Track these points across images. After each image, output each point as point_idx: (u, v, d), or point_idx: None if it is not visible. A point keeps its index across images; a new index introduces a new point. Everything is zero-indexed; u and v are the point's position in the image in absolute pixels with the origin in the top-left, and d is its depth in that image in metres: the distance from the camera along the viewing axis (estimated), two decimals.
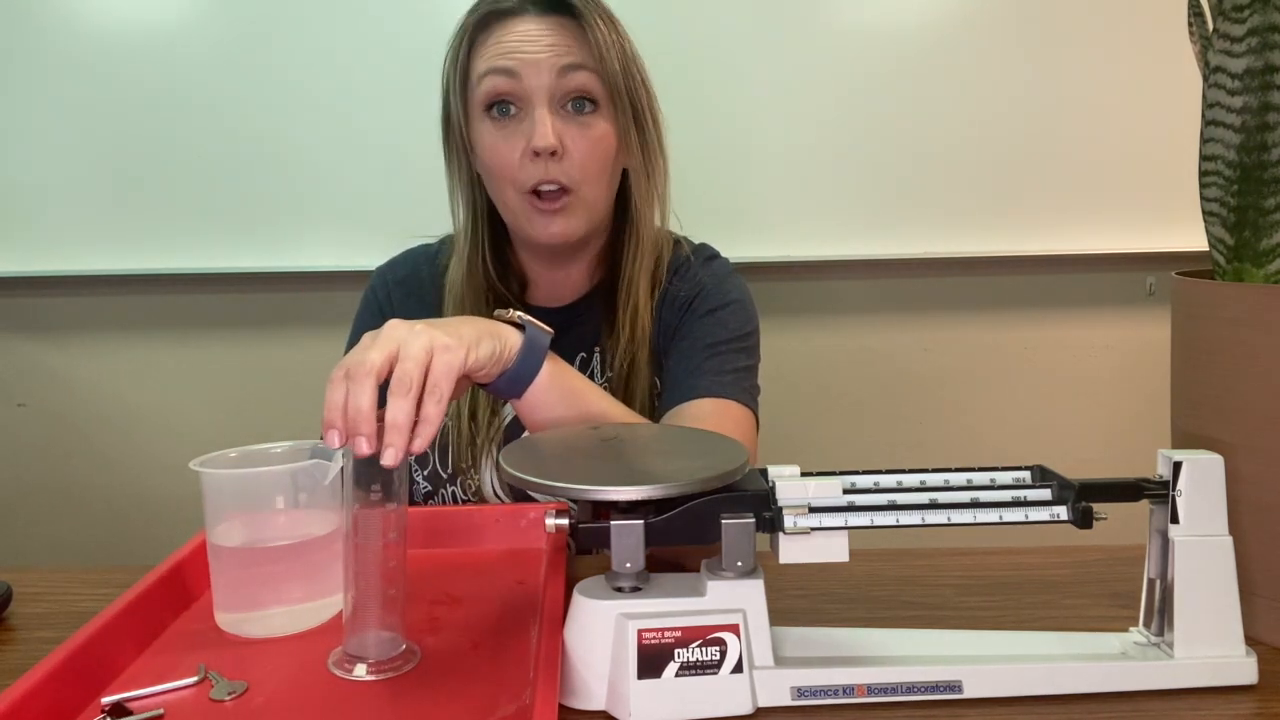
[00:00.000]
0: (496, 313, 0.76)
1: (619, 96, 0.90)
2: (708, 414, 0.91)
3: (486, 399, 0.97)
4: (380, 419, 0.61)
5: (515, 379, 0.74)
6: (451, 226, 1.02)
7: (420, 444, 0.61)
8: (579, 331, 1.00)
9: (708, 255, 1.06)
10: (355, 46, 1.63)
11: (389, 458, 0.59)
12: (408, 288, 1.04)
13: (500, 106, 0.90)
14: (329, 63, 1.64)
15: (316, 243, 1.70)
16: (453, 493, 0.99)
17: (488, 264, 0.99)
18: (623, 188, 0.98)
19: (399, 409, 0.61)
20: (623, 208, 0.99)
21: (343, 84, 1.64)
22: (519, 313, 0.76)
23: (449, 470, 0.98)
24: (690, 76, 1.63)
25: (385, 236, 1.11)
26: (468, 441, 0.97)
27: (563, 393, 0.77)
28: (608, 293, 1.00)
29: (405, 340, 0.64)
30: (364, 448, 0.59)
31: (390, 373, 0.62)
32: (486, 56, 0.90)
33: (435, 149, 0.99)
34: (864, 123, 1.68)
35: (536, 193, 0.90)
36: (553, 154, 0.88)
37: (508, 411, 0.98)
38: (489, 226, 0.99)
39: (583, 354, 1.00)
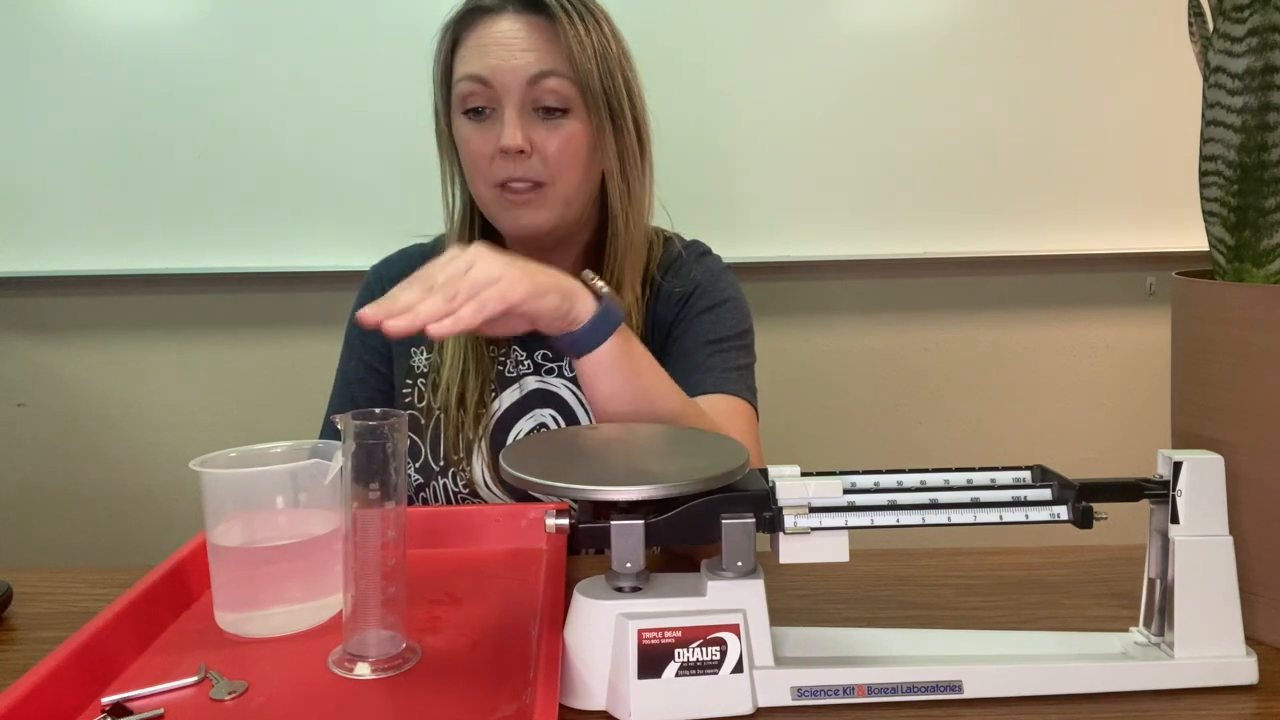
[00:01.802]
0: (585, 273, 0.79)
1: (593, 99, 0.91)
2: (720, 411, 0.92)
3: (475, 386, 0.98)
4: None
5: (577, 342, 0.76)
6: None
7: (438, 329, 0.64)
8: None
9: (700, 251, 1.06)
10: (353, 46, 1.63)
11: (391, 324, 0.63)
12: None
13: (475, 109, 0.92)
14: (328, 63, 1.64)
15: (316, 243, 1.70)
16: (444, 485, 0.98)
17: None
18: (607, 190, 0.99)
19: (429, 303, 0.65)
20: (606, 208, 0.99)
21: (342, 84, 1.64)
22: (602, 284, 0.78)
23: (440, 462, 0.98)
24: (690, 76, 1.64)
25: (384, 236, 1.11)
26: (457, 428, 0.97)
27: (624, 371, 0.78)
28: None
29: (477, 261, 0.69)
30: (370, 312, 0.63)
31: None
32: (464, 60, 0.92)
33: (434, 148, 1.00)
34: (864, 123, 1.68)
35: (507, 186, 0.92)
36: (520, 153, 0.90)
37: (498, 405, 0.99)
38: (480, 218, 1.00)
39: None
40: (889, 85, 1.67)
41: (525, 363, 1.00)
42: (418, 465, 1.00)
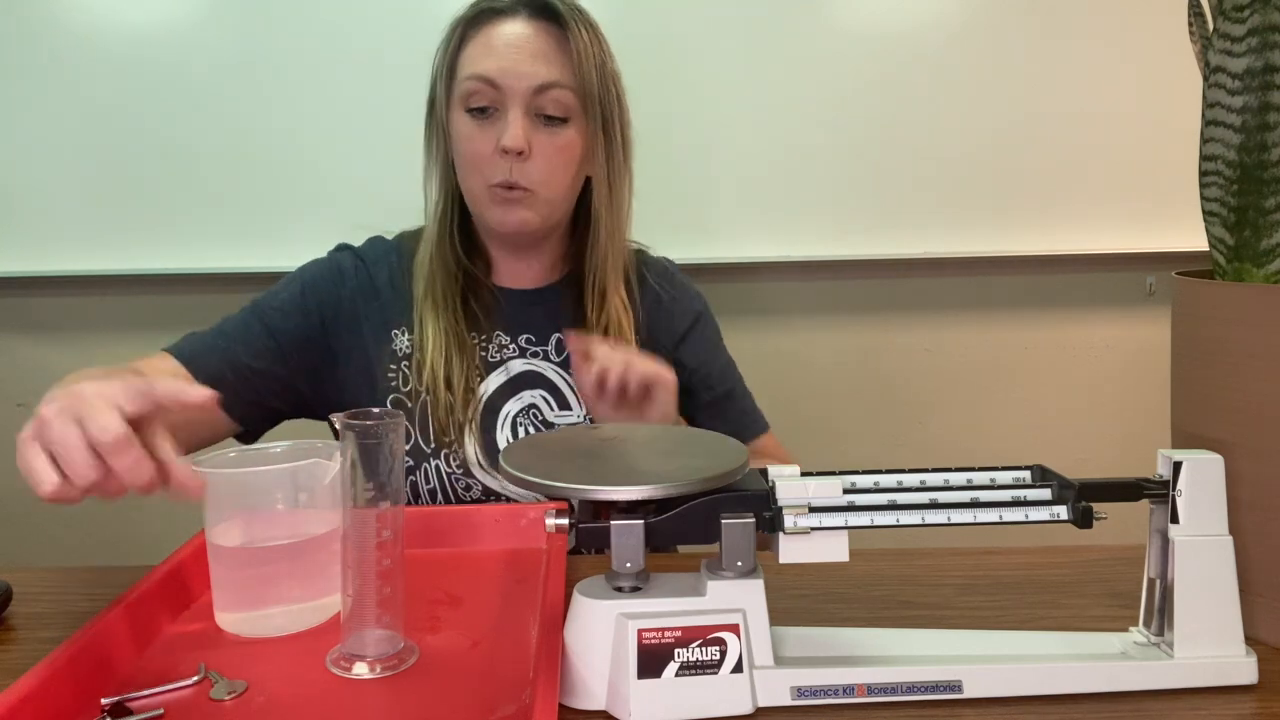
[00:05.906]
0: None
1: (591, 107, 0.95)
2: (772, 447, 1.07)
3: (460, 370, 0.98)
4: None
5: None
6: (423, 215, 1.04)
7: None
8: (547, 308, 1.03)
9: (674, 267, 1.12)
10: (353, 47, 1.63)
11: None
12: (374, 271, 1.07)
13: (479, 108, 0.95)
14: (327, 63, 1.64)
15: (316, 242, 1.68)
16: (436, 466, 0.98)
17: (456, 244, 1.02)
18: (587, 195, 1.01)
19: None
20: (586, 211, 1.02)
21: (342, 84, 1.64)
22: None
23: (431, 444, 0.98)
24: (689, 77, 1.63)
25: (383, 236, 1.11)
26: (446, 410, 0.97)
27: None
28: (576, 284, 1.03)
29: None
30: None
31: None
32: (472, 58, 0.94)
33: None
34: (864, 123, 1.68)
35: (500, 186, 0.95)
36: (519, 154, 0.93)
37: (485, 388, 1.00)
38: (460, 209, 1.02)
39: (557, 336, 1.02)
40: (891, 86, 1.67)
41: (510, 347, 1.01)
42: (408, 448, 0.99)
